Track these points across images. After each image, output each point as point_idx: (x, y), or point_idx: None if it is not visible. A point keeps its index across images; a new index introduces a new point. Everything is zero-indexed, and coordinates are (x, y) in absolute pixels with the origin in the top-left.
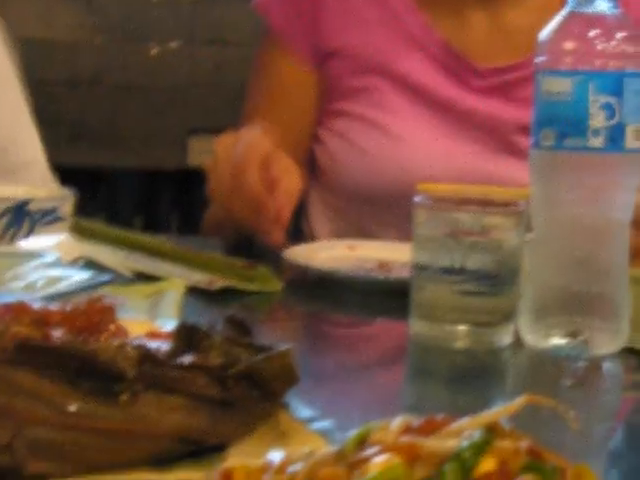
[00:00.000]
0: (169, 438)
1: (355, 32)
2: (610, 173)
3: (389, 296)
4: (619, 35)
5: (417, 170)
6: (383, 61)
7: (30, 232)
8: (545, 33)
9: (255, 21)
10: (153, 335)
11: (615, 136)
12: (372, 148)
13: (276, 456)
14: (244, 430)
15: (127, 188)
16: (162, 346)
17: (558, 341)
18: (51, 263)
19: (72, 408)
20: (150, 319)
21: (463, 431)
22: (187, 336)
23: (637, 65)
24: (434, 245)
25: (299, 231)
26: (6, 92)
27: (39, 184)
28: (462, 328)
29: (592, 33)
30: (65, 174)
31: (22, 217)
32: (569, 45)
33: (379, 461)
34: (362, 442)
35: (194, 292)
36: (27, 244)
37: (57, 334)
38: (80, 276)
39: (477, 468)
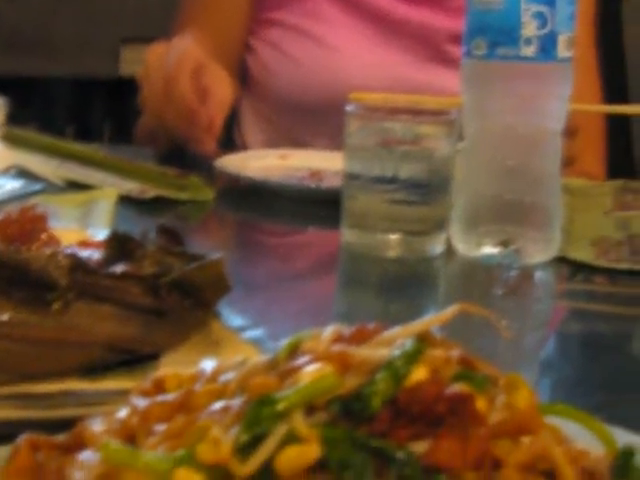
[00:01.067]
0: (101, 347)
1: None
2: (542, 82)
3: (321, 205)
4: None
5: (350, 80)
6: None
7: None
8: None
9: None
10: (85, 244)
11: (547, 45)
12: (305, 58)
13: (208, 365)
14: (176, 339)
15: (59, 97)
16: (94, 255)
17: (490, 250)
18: None
19: (4, 317)
20: (82, 228)
21: (395, 340)
22: (119, 245)
23: None
24: (366, 154)
25: (231, 141)
26: None
27: None
28: (394, 237)
29: None
30: None
31: None
32: None
33: (310, 370)
34: (293, 351)
35: (126, 201)
36: None
37: None
38: (12, 185)
39: (408, 377)
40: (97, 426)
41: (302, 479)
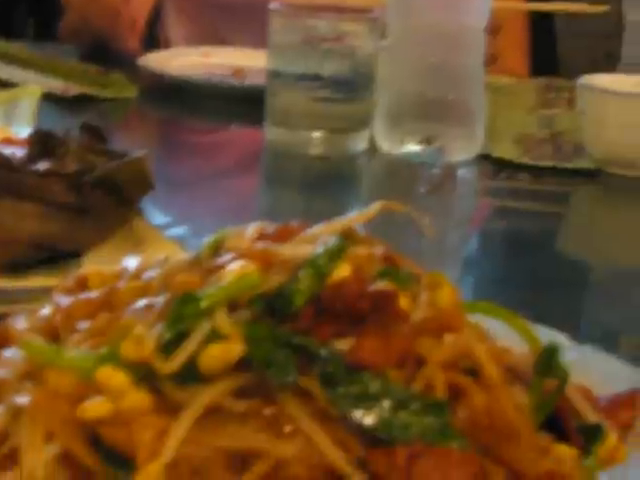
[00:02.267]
0: (24, 244)
1: None
2: None
3: (244, 103)
4: None
5: None
6: None
7: None
8: None
9: None
10: (8, 142)
11: None
12: None
13: (131, 262)
14: (99, 237)
15: None
16: (17, 153)
17: (413, 147)
18: None
19: None
20: (5, 126)
21: (318, 238)
22: (42, 143)
23: None
24: (289, 52)
25: (154, 39)
26: None
27: None
28: (317, 134)
29: None
30: None
31: None
32: None
33: (233, 268)
34: (217, 249)
35: (49, 99)
36: None
37: None
38: None
39: (331, 274)
40: (20, 324)
41: (225, 376)
